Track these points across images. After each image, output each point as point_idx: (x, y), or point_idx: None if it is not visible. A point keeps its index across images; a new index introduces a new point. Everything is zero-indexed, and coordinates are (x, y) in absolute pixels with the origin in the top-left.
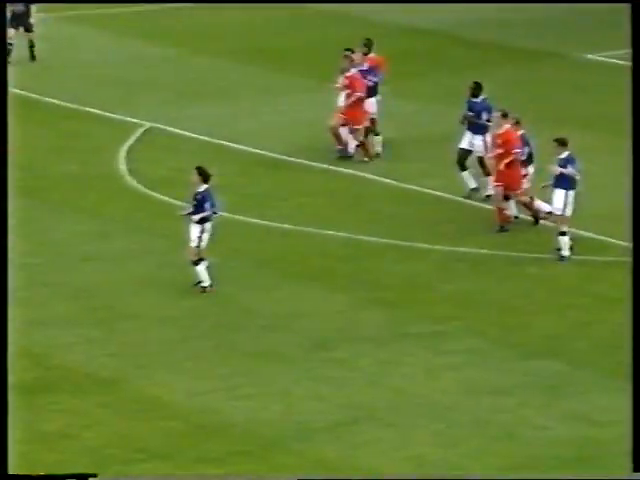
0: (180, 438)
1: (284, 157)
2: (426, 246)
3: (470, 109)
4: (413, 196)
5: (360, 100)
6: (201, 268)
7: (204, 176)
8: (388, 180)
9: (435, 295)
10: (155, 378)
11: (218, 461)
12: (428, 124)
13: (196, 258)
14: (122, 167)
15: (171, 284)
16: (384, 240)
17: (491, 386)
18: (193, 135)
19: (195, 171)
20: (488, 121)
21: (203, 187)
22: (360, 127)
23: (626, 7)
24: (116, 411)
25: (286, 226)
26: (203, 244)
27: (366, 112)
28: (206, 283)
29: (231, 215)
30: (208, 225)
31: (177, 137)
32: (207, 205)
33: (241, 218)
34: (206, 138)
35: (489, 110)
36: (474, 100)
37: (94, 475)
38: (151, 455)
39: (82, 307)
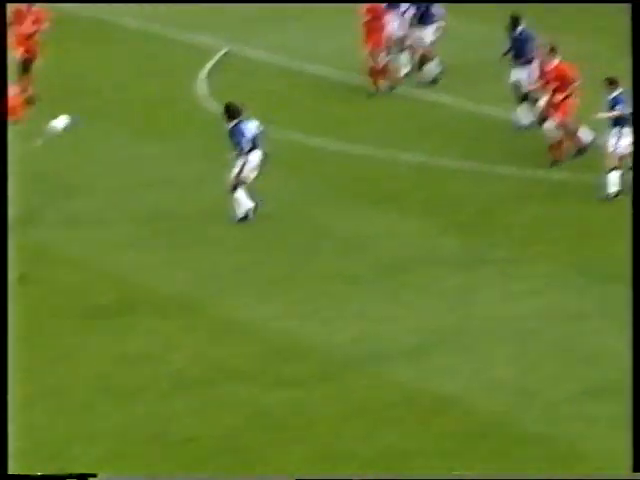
0: (259, 361)
1: (360, 80)
2: (504, 170)
3: (511, 42)
4: (490, 120)
5: (379, 25)
6: (238, 195)
7: (229, 113)
8: (465, 104)
9: (513, 220)
10: (233, 302)
11: (296, 383)
12: (503, 47)
13: (232, 185)
14: (200, 90)
15: None
16: (461, 164)
17: (570, 311)
18: (272, 58)
19: (223, 109)
20: (530, 53)
21: (232, 123)
22: (379, 50)
23: None
24: (196, 333)
25: (362, 149)
26: (244, 174)
27: (383, 36)
28: (241, 210)
29: (307, 138)
30: (252, 156)
31: (256, 60)
32: (239, 139)
33: (317, 141)
34: (284, 61)
35: (530, 40)
36: (513, 34)
37: (94, 475)
38: (231, 377)
39: (159, 230)
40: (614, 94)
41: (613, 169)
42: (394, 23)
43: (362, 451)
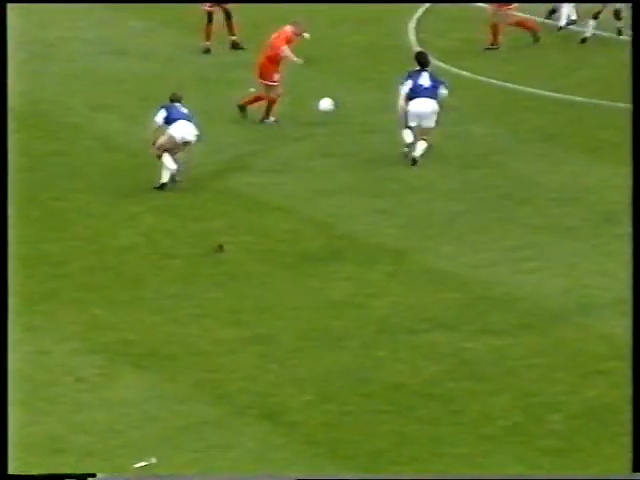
0: (464, 309)
1: (573, 27)
2: None
3: None
4: None
5: None
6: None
7: (418, 61)
8: None
9: None
10: (440, 250)
11: (501, 333)
12: None
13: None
14: (410, 38)
15: (457, 156)
16: None
17: None
18: (481, 5)
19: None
20: None
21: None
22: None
23: None
24: (402, 281)
25: (576, 98)
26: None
27: None
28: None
29: (520, 87)
30: (411, 103)
31: (465, 7)
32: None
33: (530, 90)
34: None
35: None
36: None
37: (93, 475)
38: (435, 325)
39: (367, 178)
40: None
41: None
42: None
43: (567, 402)
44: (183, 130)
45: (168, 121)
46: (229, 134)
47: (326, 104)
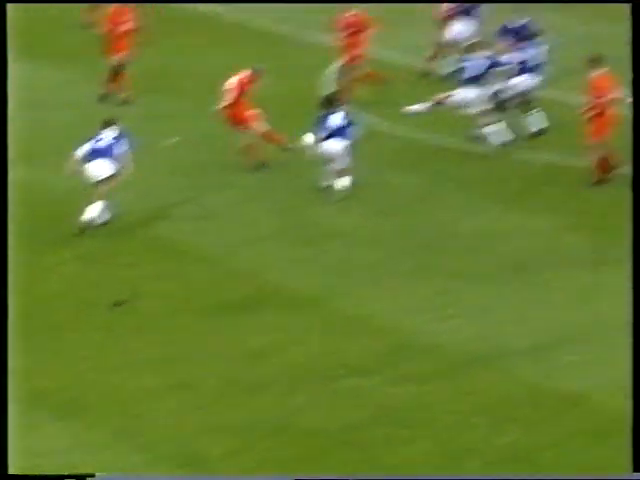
0: (382, 356)
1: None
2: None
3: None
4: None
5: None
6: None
7: (325, 104)
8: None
9: None
10: (359, 297)
11: (420, 379)
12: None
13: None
14: (330, 87)
15: (375, 203)
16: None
17: None
18: (403, 59)
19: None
20: None
21: (320, 112)
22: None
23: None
24: (320, 328)
25: (489, 148)
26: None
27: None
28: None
29: (431, 136)
30: (327, 144)
31: (386, 62)
32: (317, 128)
33: (441, 140)
34: (417, 62)
35: None
36: None
37: (92, 475)
38: (353, 371)
39: (290, 225)
40: None
41: None
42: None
43: (486, 448)
44: (93, 170)
45: (88, 158)
46: (155, 182)
47: (309, 140)
